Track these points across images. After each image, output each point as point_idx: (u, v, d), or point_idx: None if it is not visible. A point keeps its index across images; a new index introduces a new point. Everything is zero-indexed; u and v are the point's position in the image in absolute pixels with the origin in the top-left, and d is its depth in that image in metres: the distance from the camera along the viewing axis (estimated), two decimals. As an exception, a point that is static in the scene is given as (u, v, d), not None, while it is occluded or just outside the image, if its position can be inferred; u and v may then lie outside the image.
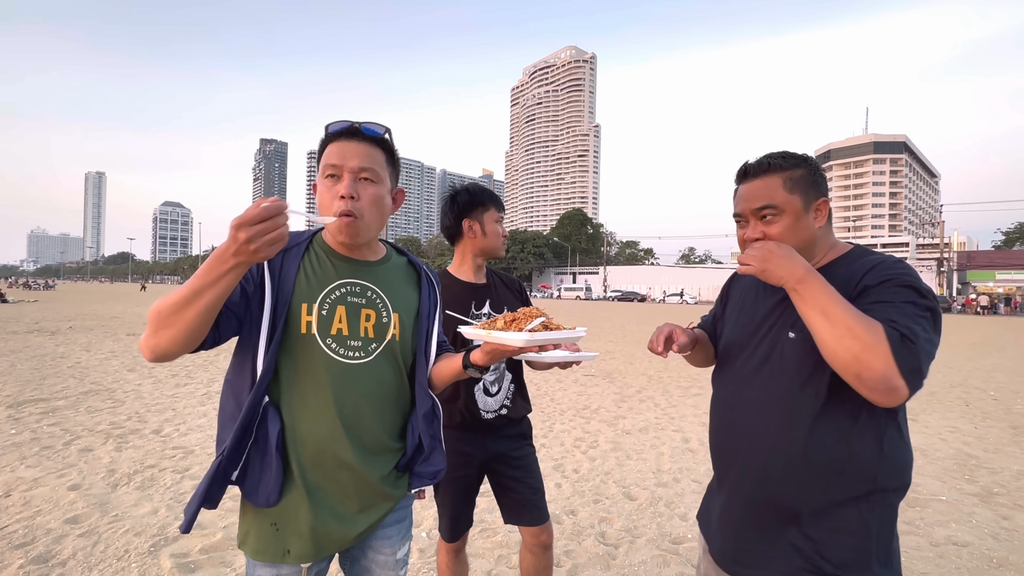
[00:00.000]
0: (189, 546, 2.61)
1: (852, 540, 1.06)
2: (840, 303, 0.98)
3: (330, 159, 1.09)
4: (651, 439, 4.75)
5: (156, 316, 0.91)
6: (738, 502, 1.19)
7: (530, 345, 0.99)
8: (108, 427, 4.62)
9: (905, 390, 0.93)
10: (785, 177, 1.13)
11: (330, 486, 1.10)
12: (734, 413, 1.21)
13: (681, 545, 2.79)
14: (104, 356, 8.65)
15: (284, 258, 1.08)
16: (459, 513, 1.81)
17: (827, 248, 1.18)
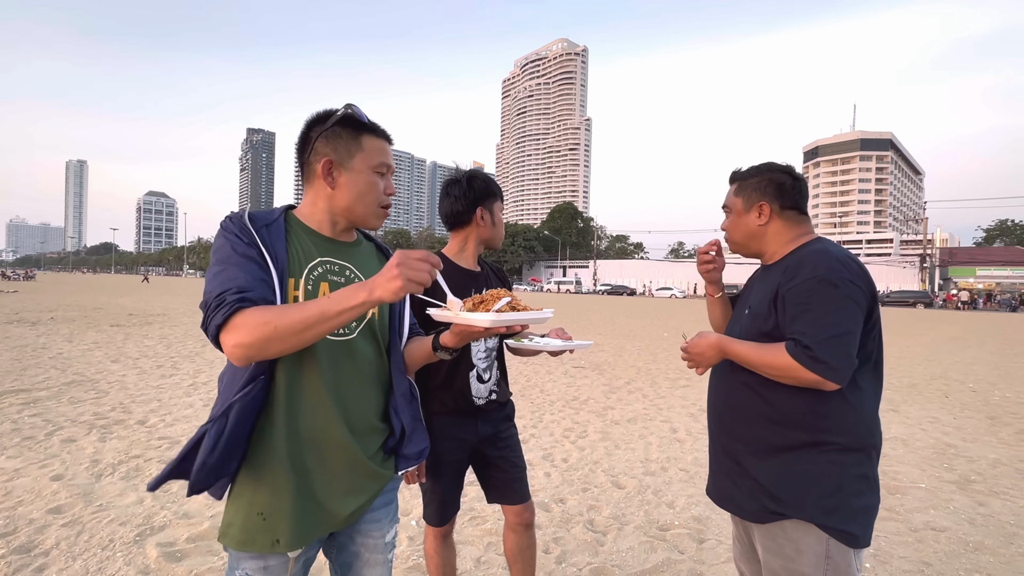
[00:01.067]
0: (175, 535, 2.59)
1: (794, 485, 1.26)
2: (752, 352, 1.28)
3: (386, 157, 1.17)
4: (639, 429, 4.80)
5: (273, 332, 0.92)
6: (713, 448, 1.48)
7: (496, 325, 1.01)
8: (92, 418, 4.55)
9: (832, 382, 1.18)
10: (738, 184, 1.48)
11: (320, 466, 1.09)
12: (713, 377, 1.50)
13: (668, 532, 2.83)
14: (87, 347, 8.50)
15: (269, 234, 1.08)
16: (449, 497, 1.82)
17: (785, 241, 1.41)
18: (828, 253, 1.28)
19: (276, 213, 1.15)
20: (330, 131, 1.12)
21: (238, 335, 0.93)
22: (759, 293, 1.39)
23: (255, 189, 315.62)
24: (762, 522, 1.30)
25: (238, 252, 1.03)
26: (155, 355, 7.94)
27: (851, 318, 1.21)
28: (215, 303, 0.96)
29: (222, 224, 1.10)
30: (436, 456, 1.74)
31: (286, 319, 0.92)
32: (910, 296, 43.11)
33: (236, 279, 0.98)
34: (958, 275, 55.34)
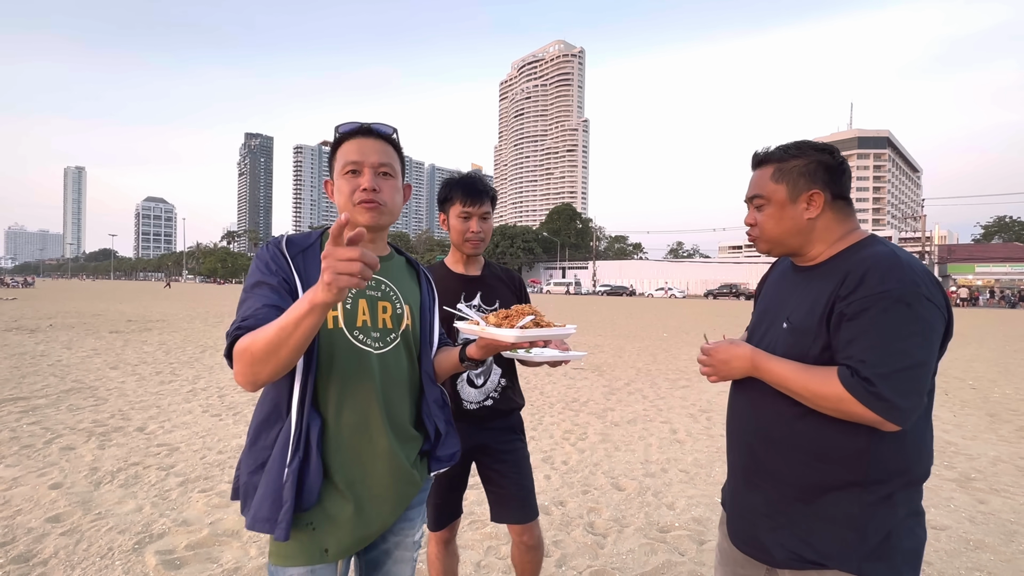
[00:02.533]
0: (174, 543, 2.58)
1: (837, 531, 1.07)
2: (793, 374, 1.08)
3: (350, 156, 1.16)
4: (639, 431, 4.79)
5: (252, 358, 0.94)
6: (737, 482, 1.26)
7: (521, 340, 1.02)
8: (91, 425, 4.54)
9: (893, 424, 0.99)
10: (776, 167, 1.19)
11: (367, 477, 1.11)
12: (736, 397, 1.28)
13: (668, 534, 2.83)
14: (86, 354, 8.49)
15: (304, 259, 1.12)
16: (442, 502, 1.82)
17: (834, 239, 1.17)
18: (898, 260, 1.04)
19: (313, 237, 1.18)
20: (330, 156, 1.21)
21: (235, 365, 0.97)
22: (801, 303, 1.16)
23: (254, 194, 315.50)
24: (794, 569, 1.12)
25: (260, 280, 1.06)
26: (154, 361, 7.93)
27: (926, 347, 1.00)
28: (227, 337, 1.01)
29: (260, 248, 1.15)
30: None
31: (257, 343, 0.93)
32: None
33: (251, 310, 1.02)
34: (957, 272, 55.41)
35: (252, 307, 1.02)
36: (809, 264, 1.21)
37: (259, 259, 1.10)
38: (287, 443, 1.03)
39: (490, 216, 1.84)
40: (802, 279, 1.21)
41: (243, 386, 0.98)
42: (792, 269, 1.28)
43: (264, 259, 1.09)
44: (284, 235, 1.16)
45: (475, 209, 1.77)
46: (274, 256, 1.09)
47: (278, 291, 1.06)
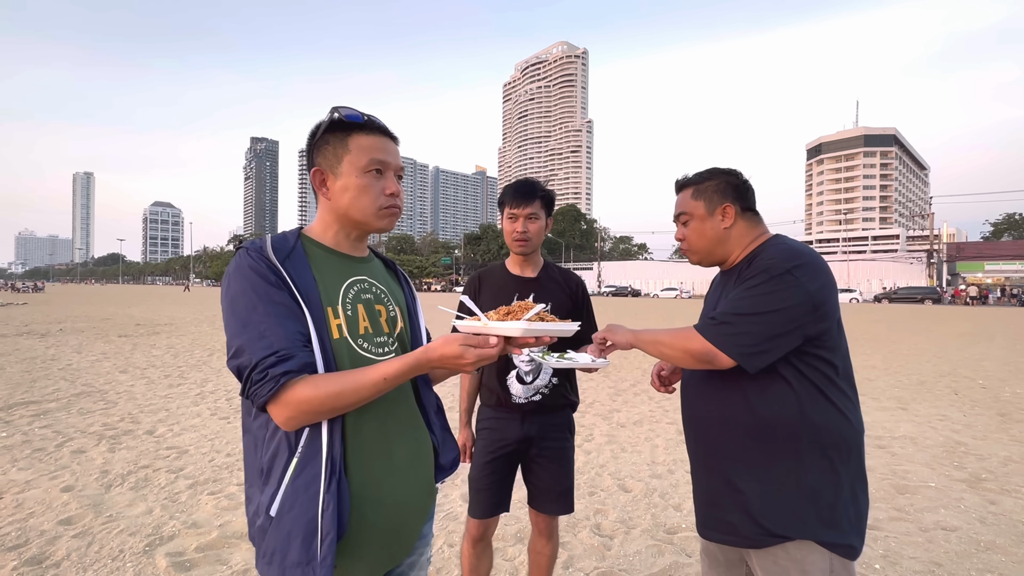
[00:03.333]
0: (185, 545, 2.61)
1: (790, 502, 1.18)
2: (658, 336, 1.29)
3: (376, 154, 1.06)
4: (645, 432, 4.79)
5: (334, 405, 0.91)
6: (696, 471, 1.39)
7: (526, 336, 0.95)
8: (101, 428, 4.59)
9: (724, 355, 1.18)
10: (694, 188, 1.41)
11: (392, 493, 1.05)
12: (686, 390, 1.43)
13: (675, 535, 2.82)
14: (95, 358, 8.58)
15: (292, 266, 0.99)
16: (483, 487, 1.88)
17: (746, 243, 1.37)
18: (783, 245, 1.27)
19: (292, 239, 1.06)
20: (320, 140, 1.07)
21: (290, 411, 0.89)
22: (722, 300, 1.34)
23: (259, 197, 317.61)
24: (761, 546, 1.21)
25: (268, 298, 0.93)
26: (163, 365, 8.00)
27: (778, 300, 1.17)
28: (257, 375, 0.88)
29: (241, 258, 0.98)
30: (479, 447, 1.91)
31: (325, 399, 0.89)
32: (918, 292, 42.79)
33: (271, 337, 0.89)
34: (966, 270, 54.86)
35: (285, 338, 0.90)
36: (728, 267, 1.42)
37: (252, 271, 0.95)
38: (317, 469, 0.92)
39: (539, 217, 1.88)
40: (725, 280, 1.41)
41: (285, 427, 0.91)
42: (719, 274, 1.49)
43: (258, 270, 0.95)
44: (263, 240, 1.01)
45: (520, 210, 1.85)
46: (270, 267, 0.96)
47: (298, 313, 0.95)
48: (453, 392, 6.18)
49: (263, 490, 0.96)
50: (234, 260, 0.99)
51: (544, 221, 1.90)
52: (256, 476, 0.99)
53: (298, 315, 0.95)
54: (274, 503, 0.92)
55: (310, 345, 0.94)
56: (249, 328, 0.91)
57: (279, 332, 0.91)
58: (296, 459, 0.93)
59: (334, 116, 1.07)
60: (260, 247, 0.99)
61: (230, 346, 0.92)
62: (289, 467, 0.93)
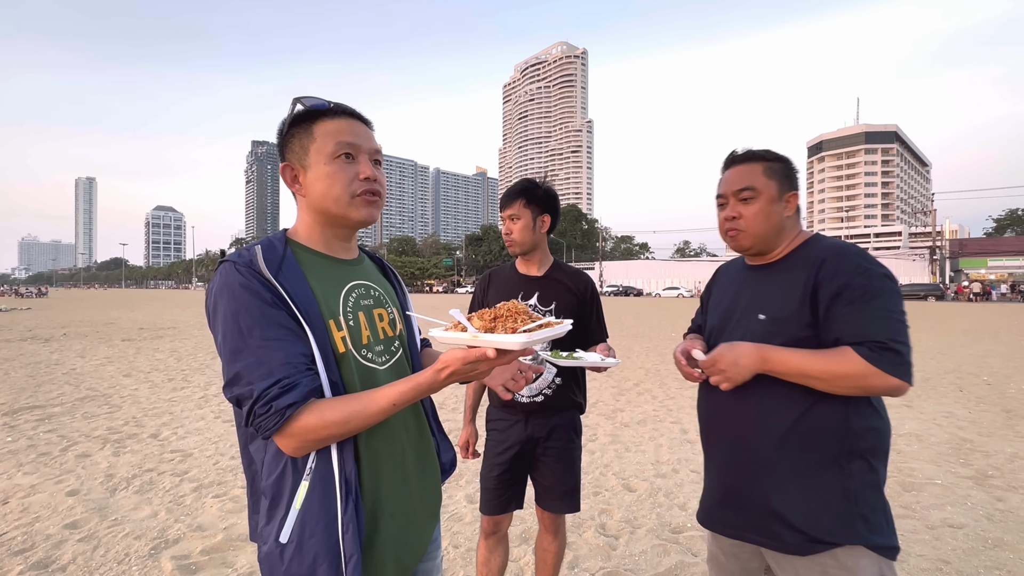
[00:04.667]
0: (190, 548, 2.61)
1: (837, 506, 1.12)
2: (806, 360, 1.11)
3: (343, 136, 0.97)
4: (649, 431, 4.77)
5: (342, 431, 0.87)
6: (722, 474, 1.29)
7: (529, 347, 0.82)
8: (105, 432, 4.60)
9: (908, 384, 1.08)
10: (765, 165, 1.27)
11: (404, 503, 1.03)
12: (715, 392, 1.29)
13: (681, 534, 2.81)
14: (99, 362, 8.60)
15: (285, 278, 0.91)
16: (491, 486, 1.89)
17: (792, 236, 1.29)
18: (857, 247, 1.19)
19: (280, 245, 0.97)
20: (287, 135, 0.99)
21: (296, 442, 0.85)
22: (772, 296, 1.23)
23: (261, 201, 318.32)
24: (807, 554, 1.14)
25: (264, 320, 0.86)
26: (166, 368, 8.02)
27: (902, 309, 1.12)
28: (260, 408, 0.83)
29: (228, 275, 0.88)
30: (488, 446, 1.94)
31: (332, 426, 0.85)
32: (921, 289, 42.61)
33: (271, 363, 0.84)
34: (969, 266, 54.65)
35: (278, 359, 0.84)
36: (768, 261, 1.31)
37: (244, 289, 0.86)
38: (332, 492, 0.89)
39: (520, 217, 1.86)
40: (763, 275, 1.30)
41: (293, 454, 0.88)
42: (746, 269, 1.37)
43: (250, 288, 0.87)
44: (251, 251, 0.91)
45: (504, 212, 1.90)
46: (264, 283, 0.88)
47: (299, 333, 0.88)
48: (456, 392, 6.17)
49: (269, 516, 0.91)
50: (219, 276, 0.89)
51: (530, 220, 1.87)
52: (258, 497, 0.94)
53: (299, 335, 0.88)
54: (284, 529, 0.88)
55: (314, 367, 0.88)
56: (246, 354, 0.84)
57: (279, 357, 0.84)
58: (306, 482, 0.89)
59: (297, 107, 0.99)
60: (250, 261, 0.89)
61: (226, 373, 0.86)
62: (298, 491, 0.89)
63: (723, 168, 1.36)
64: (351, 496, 0.90)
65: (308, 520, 0.88)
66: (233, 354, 0.85)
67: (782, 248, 1.29)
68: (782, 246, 1.28)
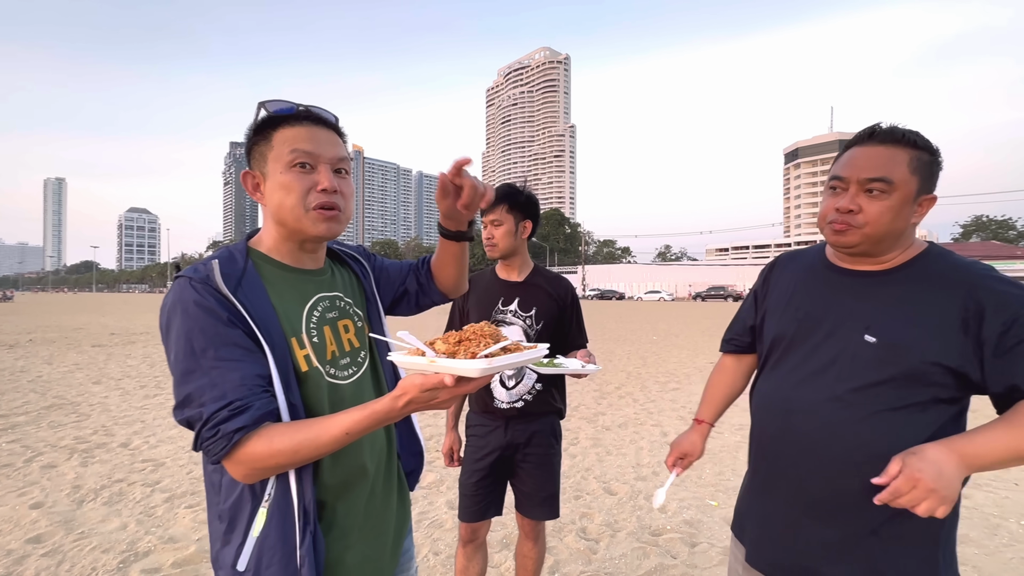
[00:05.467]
0: (161, 560, 2.54)
1: (920, 550, 0.99)
2: (1007, 442, 0.89)
3: (300, 144, 0.91)
4: (630, 434, 4.81)
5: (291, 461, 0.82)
6: (797, 511, 1.09)
7: (488, 374, 0.76)
8: (72, 442, 4.44)
9: None
10: (914, 155, 1.00)
11: (372, 530, 1.00)
12: (791, 417, 1.09)
13: (660, 537, 2.84)
14: (67, 369, 8.31)
15: (245, 293, 0.87)
16: (469, 493, 1.89)
17: (908, 245, 1.06)
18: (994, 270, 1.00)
19: (240, 257, 0.92)
20: (251, 141, 0.95)
21: (245, 469, 0.81)
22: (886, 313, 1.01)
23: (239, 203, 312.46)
24: None
25: (219, 340, 0.82)
26: (138, 375, 7.79)
27: None
28: (207, 432, 0.79)
29: (183, 292, 0.84)
30: (467, 452, 1.93)
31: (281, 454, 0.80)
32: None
33: (223, 385, 0.80)
34: (937, 271, 56.35)
35: (231, 381, 0.80)
36: (876, 268, 1.06)
37: (199, 307, 0.82)
38: (291, 522, 0.85)
39: (502, 222, 1.86)
40: (869, 284, 1.05)
41: (243, 482, 0.84)
42: (833, 270, 1.12)
43: (205, 305, 0.82)
44: (209, 266, 0.87)
45: (486, 217, 1.89)
46: (220, 300, 0.84)
47: (255, 353, 0.84)
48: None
49: (226, 540, 0.88)
50: (173, 292, 0.85)
51: (512, 225, 1.88)
52: (216, 518, 0.90)
53: (255, 355, 0.84)
54: (241, 557, 0.85)
55: (271, 388, 0.84)
56: (198, 375, 0.80)
57: (232, 379, 0.80)
58: (264, 509, 0.85)
59: (260, 112, 0.94)
60: (206, 276, 0.85)
61: (177, 394, 0.82)
62: (255, 519, 0.85)
63: (856, 141, 1.06)
64: (309, 527, 0.86)
65: (266, 549, 0.85)
66: (184, 375, 0.81)
67: (894, 256, 1.05)
68: (896, 253, 1.05)
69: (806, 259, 1.21)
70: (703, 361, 9.37)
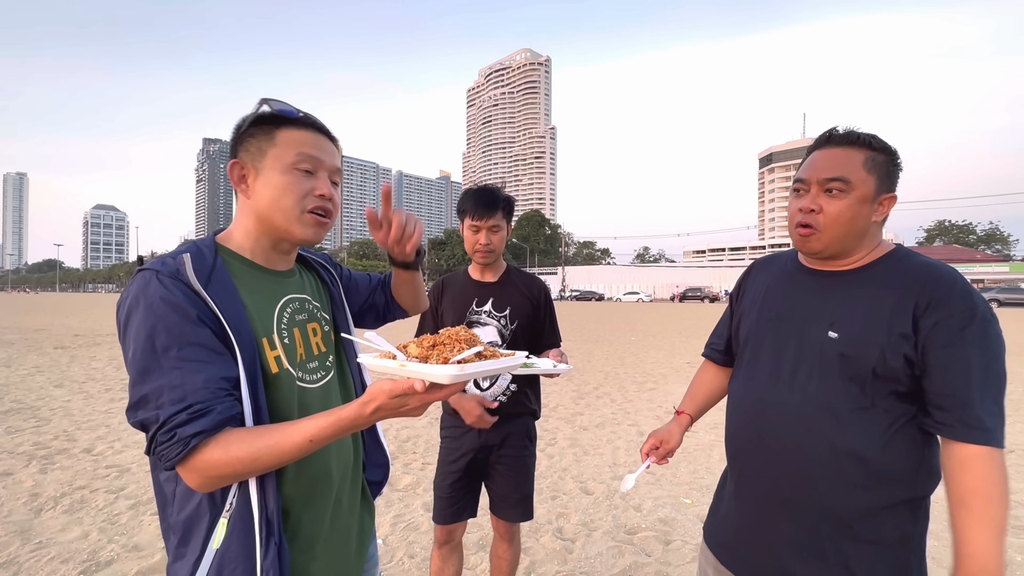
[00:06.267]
0: (124, 570, 2.45)
1: (892, 554, 1.00)
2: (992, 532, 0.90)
3: (307, 149, 0.92)
4: (607, 434, 4.85)
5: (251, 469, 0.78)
6: (772, 513, 1.10)
7: (458, 381, 0.75)
8: (31, 448, 4.26)
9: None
10: (869, 155, 1.04)
11: (337, 538, 0.99)
12: (765, 419, 1.11)
13: (635, 535, 2.87)
14: (27, 372, 7.97)
15: (215, 290, 0.84)
16: (444, 495, 1.88)
17: (873, 245, 1.09)
18: (956, 272, 1.01)
19: (210, 254, 0.89)
20: (245, 133, 0.93)
21: (200, 477, 0.77)
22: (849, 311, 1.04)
23: (213, 201, 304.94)
24: None
25: (184, 339, 0.78)
26: (103, 378, 7.52)
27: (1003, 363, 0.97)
28: (163, 435, 0.75)
29: (148, 286, 0.80)
30: (441, 455, 1.93)
31: (239, 462, 0.76)
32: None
33: (185, 387, 0.76)
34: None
35: (193, 383, 0.76)
36: (840, 268, 1.09)
37: (166, 304, 0.78)
38: (251, 531, 0.82)
39: (501, 228, 1.88)
40: (834, 284, 1.09)
41: (199, 491, 0.80)
42: (802, 271, 1.15)
43: (173, 302, 0.79)
44: (179, 259, 0.84)
45: (483, 222, 1.85)
46: (189, 297, 0.80)
47: (214, 349, 0.80)
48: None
49: (179, 554, 0.83)
50: (136, 285, 0.80)
51: (507, 229, 1.91)
52: (169, 532, 0.85)
53: (222, 357, 0.80)
54: (199, 571, 0.81)
55: (236, 392, 0.81)
56: (156, 376, 0.76)
57: (195, 380, 0.76)
58: (225, 519, 0.81)
59: (263, 108, 0.93)
60: (176, 270, 0.81)
61: (133, 394, 0.77)
62: (215, 530, 0.81)
63: (815, 145, 1.11)
64: (272, 538, 0.83)
65: (227, 562, 0.81)
66: (142, 374, 0.77)
67: (860, 256, 1.08)
68: (862, 253, 1.08)
69: (779, 263, 1.25)
70: (680, 361, 9.52)
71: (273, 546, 0.82)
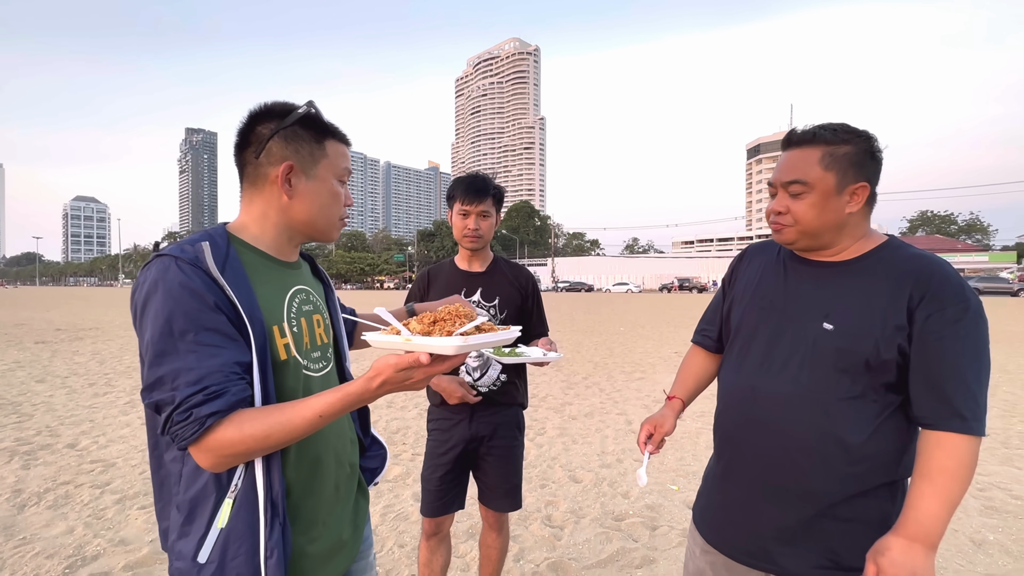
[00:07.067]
0: (111, 564, 2.43)
1: (873, 532, 1.02)
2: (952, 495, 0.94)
3: (348, 164, 1.04)
4: (596, 423, 4.90)
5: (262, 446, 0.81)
6: (759, 497, 1.13)
7: (463, 352, 0.78)
8: (13, 444, 4.19)
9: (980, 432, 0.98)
10: (826, 151, 1.05)
11: (336, 521, 1.02)
12: (756, 406, 1.13)
13: (623, 521, 2.92)
14: (7, 367, 7.82)
15: (231, 276, 0.86)
16: (433, 488, 1.88)
17: (860, 236, 1.10)
18: (948, 265, 1.02)
19: (223, 243, 0.90)
20: (290, 131, 0.94)
21: (213, 457, 0.80)
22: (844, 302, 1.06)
23: (197, 192, 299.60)
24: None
25: (201, 324, 0.80)
26: (87, 373, 7.40)
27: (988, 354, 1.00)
28: (179, 415, 0.77)
29: (168, 271, 0.82)
30: (429, 447, 1.92)
31: (252, 439, 0.79)
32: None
33: (200, 369, 0.78)
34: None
35: (208, 366, 0.79)
36: (834, 259, 1.11)
37: (185, 289, 0.81)
38: (256, 513, 0.84)
39: (491, 215, 1.88)
40: (827, 274, 1.10)
41: (211, 471, 0.83)
42: (796, 260, 1.16)
43: (191, 288, 0.81)
44: (197, 246, 0.85)
45: (473, 207, 1.85)
46: (208, 284, 0.82)
47: (228, 334, 0.82)
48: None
49: (183, 532, 0.85)
50: (155, 270, 0.82)
51: (495, 218, 1.91)
52: (173, 509, 0.88)
53: (236, 343, 0.83)
54: (203, 548, 0.83)
55: (248, 376, 0.84)
56: (172, 358, 0.79)
57: (210, 364, 0.79)
58: (231, 499, 0.84)
59: (311, 111, 0.96)
60: (196, 258, 0.83)
61: (148, 376, 0.79)
62: (221, 508, 0.84)
63: (781, 147, 1.15)
64: (277, 518, 0.85)
65: (232, 541, 0.83)
66: (158, 356, 0.79)
67: (851, 246, 1.09)
68: (847, 243, 1.09)
69: (772, 251, 1.25)
70: (668, 351, 9.62)
71: (277, 526, 0.85)
